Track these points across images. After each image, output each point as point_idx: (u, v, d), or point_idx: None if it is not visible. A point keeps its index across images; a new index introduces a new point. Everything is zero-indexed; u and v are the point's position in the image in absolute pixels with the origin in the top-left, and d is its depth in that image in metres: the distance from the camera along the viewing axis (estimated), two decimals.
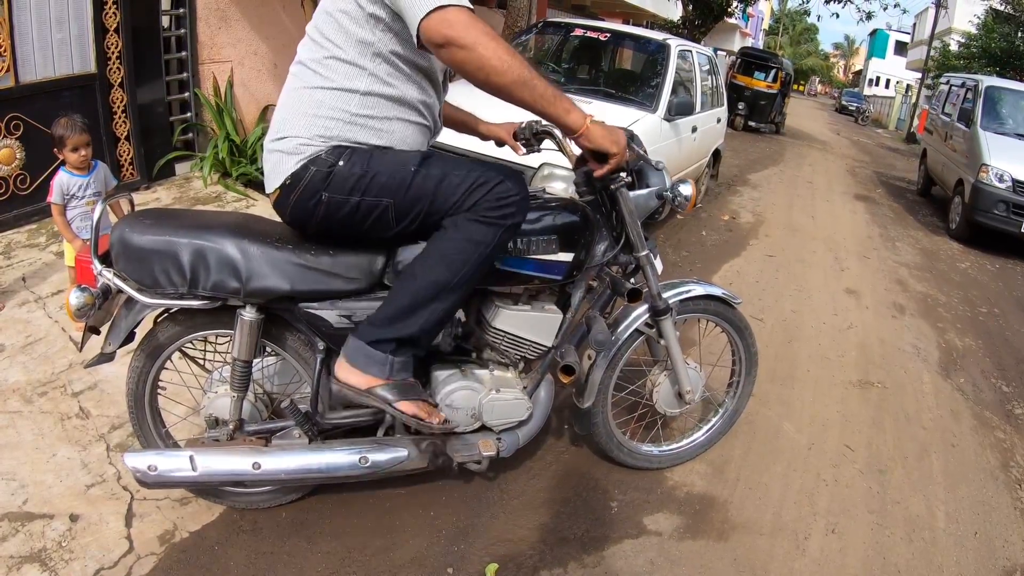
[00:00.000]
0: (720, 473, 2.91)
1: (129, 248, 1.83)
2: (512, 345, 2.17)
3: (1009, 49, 19.56)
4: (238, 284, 1.84)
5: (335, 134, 1.83)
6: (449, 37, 1.63)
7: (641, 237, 2.26)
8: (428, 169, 1.85)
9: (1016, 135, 8.69)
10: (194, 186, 5.23)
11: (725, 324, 2.72)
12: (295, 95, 1.87)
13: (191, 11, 5.28)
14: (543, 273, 2.11)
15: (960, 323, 5.54)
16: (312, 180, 1.82)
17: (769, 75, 17.62)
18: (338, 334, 1.95)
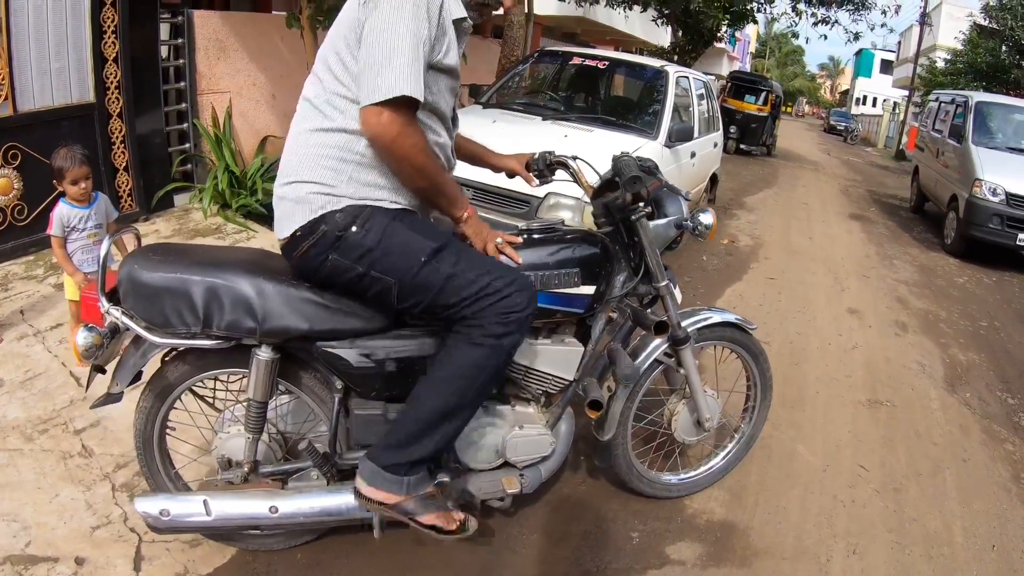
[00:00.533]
0: (739, 499, 2.87)
1: (138, 286, 1.77)
2: (534, 380, 2.12)
3: (995, 63, 19.81)
4: (254, 324, 1.78)
5: (347, 186, 1.79)
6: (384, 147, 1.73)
7: (661, 267, 2.23)
8: (439, 263, 1.79)
9: (1008, 149, 8.78)
10: (193, 218, 5.18)
11: (740, 350, 2.71)
12: (302, 136, 1.84)
13: (190, 41, 5.29)
14: (566, 307, 2.08)
15: (962, 338, 5.55)
16: (322, 239, 1.77)
17: (759, 98, 17.75)
18: (358, 373, 1.89)
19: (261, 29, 5.95)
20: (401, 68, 1.65)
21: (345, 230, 1.76)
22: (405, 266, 1.77)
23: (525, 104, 5.72)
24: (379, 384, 1.92)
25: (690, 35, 15.48)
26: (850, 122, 37.79)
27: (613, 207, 2.18)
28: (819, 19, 14.57)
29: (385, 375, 1.90)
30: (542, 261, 2.02)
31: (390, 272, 1.77)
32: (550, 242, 2.08)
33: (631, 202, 2.11)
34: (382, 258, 1.76)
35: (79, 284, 3.05)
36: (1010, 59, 19.44)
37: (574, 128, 4.94)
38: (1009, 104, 9.85)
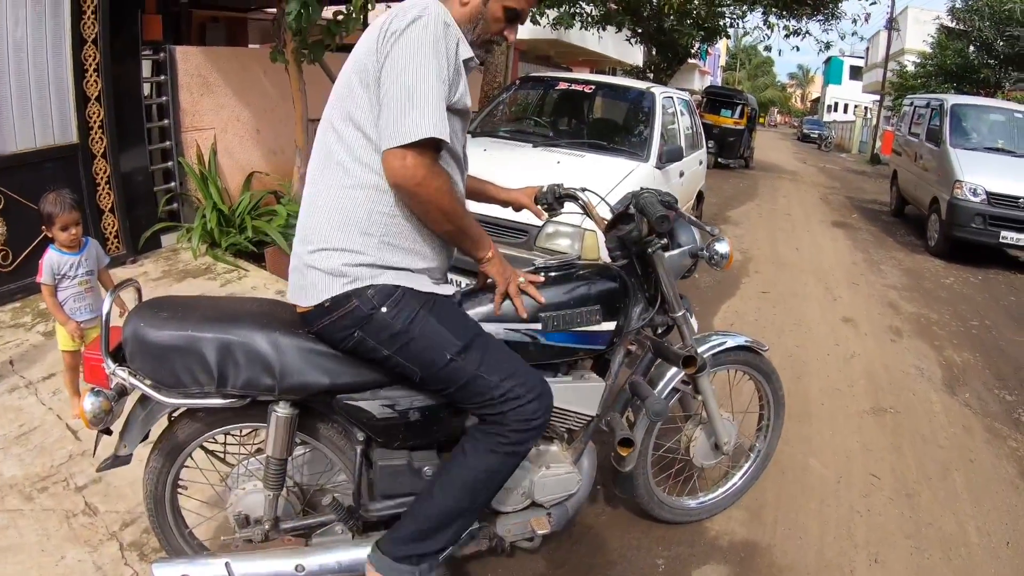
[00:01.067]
0: (758, 517, 2.86)
1: (146, 345, 1.68)
2: (557, 418, 2.07)
3: (964, 64, 20.26)
4: (272, 381, 1.70)
5: (377, 251, 1.72)
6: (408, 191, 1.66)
7: (677, 297, 2.21)
8: (465, 361, 1.74)
9: (985, 149, 8.93)
10: (182, 258, 5.11)
11: (754, 372, 2.70)
12: (325, 195, 1.74)
13: (173, 78, 5.22)
14: (587, 345, 2.04)
15: (955, 339, 5.61)
16: (351, 314, 1.70)
17: (735, 111, 17.96)
18: (381, 424, 1.82)
19: (244, 64, 5.91)
20: (424, 108, 1.59)
21: (375, 309, 1.70)
22: (430, 359, 1.73)
23: (513, 131, 5.72)
24: (403, 434, 1.86)
25: (664, 53, 15.63)
26: (823, 129, 38.26)
27: (628, 240, 2.16)
28: (791, 31, 14.77)
29: (409, 425, 1.84)
30: (563, 300, 1.98)
31: (414, 362, 1.73)
32: (569, 279, 2.04)
33: (647, 234, 2.09)
34: (408, 345, 1.72)
35: (72, 333, 2.97)
36: (979, 59, 19.90)
37: (565, 154, 4.94)
38: (984, 105, 10.04)
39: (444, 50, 1.64)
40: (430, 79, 1.61)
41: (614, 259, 2.22)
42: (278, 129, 6.00)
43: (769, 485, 3.03)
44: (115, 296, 1.82)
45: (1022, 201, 7.99)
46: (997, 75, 19.31)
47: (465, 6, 1.79)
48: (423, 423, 1.84)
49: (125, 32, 4.81)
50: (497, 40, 1.89)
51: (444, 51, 1.64)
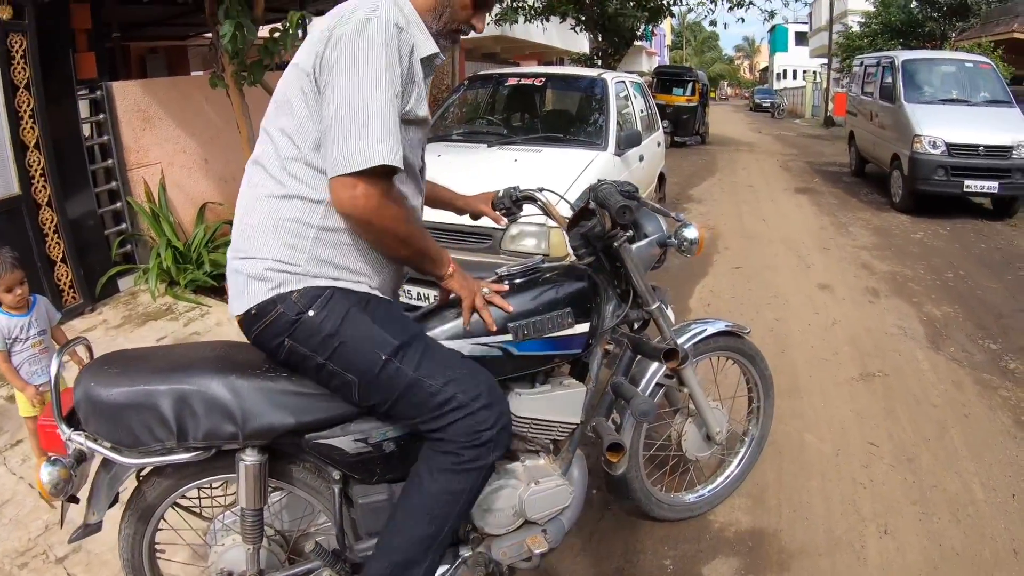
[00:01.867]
0: (761, 503, 2.80)
1: (99, 405, 1.57)
2: (540, 430, 1.98)
3: (909, 19, 20.52)
4: (234, 428, 1.59)
5: (307, 264, 1.60)
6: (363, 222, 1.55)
7: (650, 290, 2.13)
8: (402, 363, 1.60)
9: (940, 101, 9.04)
10: (141, 300, 4.94)
11: (737, 356, 2.64)
12: (254, 204, 1.64)
13: (112, 115, 5.03)
14: (563, 350, 1.94)
15: (933, 293, 5.63)
16: (277, 321, 1.59)
17: (687, 89, 17.98)
18: (356, 460, 1.71)
19: (184, 93, 5.74)
20: (375, 131, 1.46)
21: (302, 313, 1.58)
22: (364, 364, 1.59)
23: (466, 133, 5.60)
24: (380, 468, 1.75)
25: (610, 38, 15.61)
26: (774, 98, 38.59)
27: (592, 236, 2.06)
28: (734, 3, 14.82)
29: (385, 457, 1.74)
30: (531, 307, 1.87)
31: (349, 368, 1.60)
32: (535, 284, 1.94)
33: (611, 228, 2.01)
34: (340, 350, 1.59)
35: (31, 399, 2.82)
36: (923, 13, 20.14)
37: (522, 151, 4.85)
38: (933, 58, 10.15)
39: (396, 58, 1.51)
40: (380, 96, 1.47)
41: (580, 257, 2.13)
42: (226, 156, 5.84)
43: (768, 467, 2.97)
44: (62, 357, 1.70)
45: (982, 149, 8.11)
46: (942, 27, 19.53)
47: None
48: (399, 454, 1.74)
49: (58, 73, 4.62)
50: (464, 29, 1.75)
51: (396, 59, 1.51)
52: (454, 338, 1.80)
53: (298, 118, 1.57)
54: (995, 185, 8.09)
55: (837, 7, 28.57)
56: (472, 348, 1.80)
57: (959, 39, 17.36)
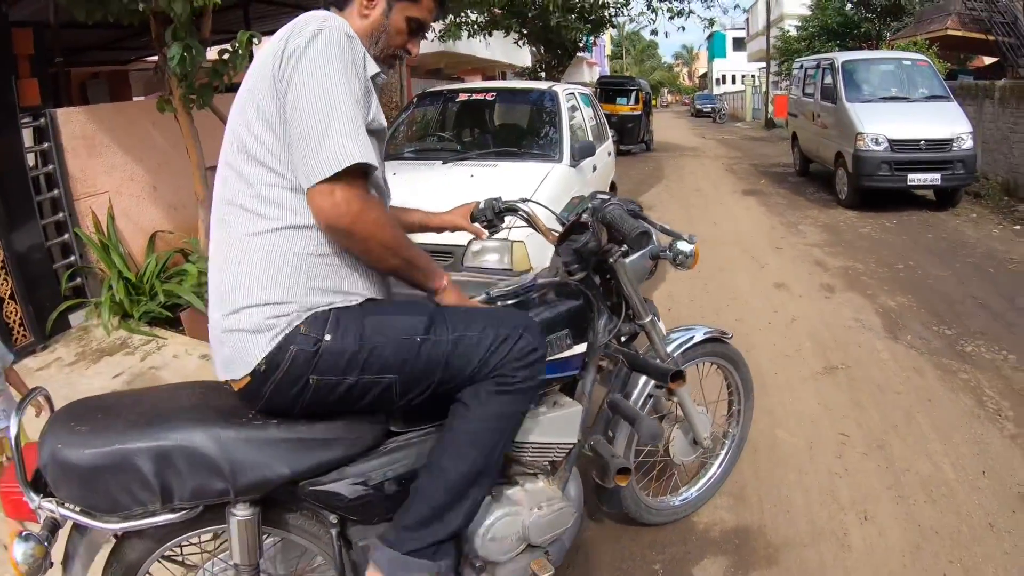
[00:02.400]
0: (742, 501, 2.82)
1: (69, 470, 1.41)
2: (538, 453, 1.92)
3: (845, 21, 21.17)
4: (224, 484, 1.45)
5: (305, 297, 1.50)
6: (346, 232, 1.48)
7: (643, 303, 2.12)
8: (437, 334, 1.55)
9: (880, 99, 9.31)
10: (95, 336, 4.76)
11: (721, 361, 2.66)
12: (236, 247, 1.51)
13: (57, 144, 4.83)
14: (561, 373, 1.91)
15: (886, 285, 5.77)
16: (295, 363, 1.47)
17: (630, 98, 18.22)
18: (355, 504, 1.60)
19: (130, 119, 5.57)
20: (343, 132, 1.41)
21: (320, 342, 1.47)
22: (402, 356, 1.52)
23: (419, 150, 5.56)
24: (380, 508, 1.65)
25: (553, 50, 15.75)
26: (715, 103, 39.39)
27: (585, 251, 2.01)
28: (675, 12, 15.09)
29: (386, 498, 1.63)
30: None
31: (387, 369, 1.52)
32: (531, 306, 1.90)
33: (607, 243, 1.99)
34: (373, 357, 1.50)
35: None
36: (858, 14, 20.80)
37: (477, 166, 4.82)
38: (872, 58, 10.47)
39: (352, 66, 1.48)
40: (344, 100, 1.44)
41: (571, 272, 2.08)
42: (176, 183, 5.68)
43: (745, 465, 2.99)
44: (21, 414, 1.51)
45: (923, 143, 8.39)
46: (877, 27, 20.20)
47: (366, 19, 1.65)
48: (400, 492, 1.64)
49: (0, 100, 4.45)
50: (400, 54, 1.74)
51: (352, 67, 1.48)
52: None
53: (264, 142, 1.49)
54: (937, 177, 8.37)
55: (773, 12, 29.37)
56: None
57: (894, 38, 17.93)
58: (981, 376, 3.93)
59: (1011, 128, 9.16)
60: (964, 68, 16.34)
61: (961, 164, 8.34)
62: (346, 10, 1.66)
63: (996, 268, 6.19)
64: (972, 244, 7.07)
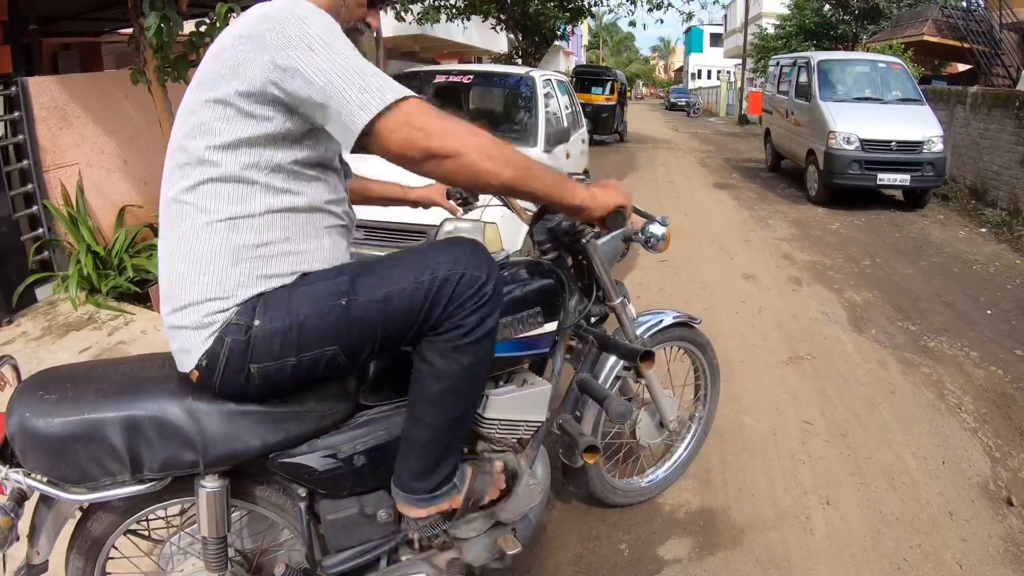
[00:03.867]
0: (707, 483, 2.86)
1: (37, 438, 1.38)
2: (507, 430, 1.92)
3: (822, 22, 21.44)
4: (194, 456, 1.44)
5: (240, 289, 1.45)
6: (431, 150, 1.34)
7: (614, 286, 2.12)
8: (361, 293, 1.46)
9: (853, 99, 9.45)
10: (62, 310, 4.67)
11: (689, 345, 2.69)
12: (177, 245, 1.46)
13: (27, 113, 4.69)
14: (532, 351, 1.89)
15: (852, 280, 5.88)
16: (231, 355, 1.42)
17: (606, 88, 18.25)
18: (324, 477, 1.59)
19: (103, 90, 5.43)
20: (380, 74, 1.35)
21: (249, 329, 1.42)
22: (331, 325, 1.45)
23: None
24: (350, 482, 1.64)
25: (531, 37, 15.73)
26: (690, 97, 39.58)
27: (559, 232, 2.03)
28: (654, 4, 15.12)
29: (355, 471, 1.62)
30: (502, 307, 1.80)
31: (323, 341, 1.45)
32: (503, 283, 1.85)
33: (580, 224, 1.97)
34: (304, 333, 1.44)
35: None
36: (836, 16, 21.05)
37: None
38: (847, 59, 10.61)
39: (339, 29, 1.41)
40: (360, 58, 1.36)
41: (544, 252, 2.08)
42: (147, 157, 5.57)
43: (710, 450, 3.03)
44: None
45: (894, 144, 8.55)
46: (854, 30, 20.44)
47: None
48: (371, 465, 1.64)
49: None
50: (360, 27, 1.67)
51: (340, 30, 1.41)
52: None
53: (209, 128, 1.41)
54: (907, 178, 8.54)
55: (752, 10, 29.60)
56: None
57: (871, 41, 18.16)
58: (943, 371, 4.02)
59: (981, 134, 9.35)
60: (938, 74, 16.63)
61: (931, 166, 8.51)
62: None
63: (961, 268, 6.34)
64: (938, 244, 7.22)
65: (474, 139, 1.37)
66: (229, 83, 1.38)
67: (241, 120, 1.40)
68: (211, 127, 1.41)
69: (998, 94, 9.38)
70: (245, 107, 1.39)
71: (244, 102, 1.38)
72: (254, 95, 1.38)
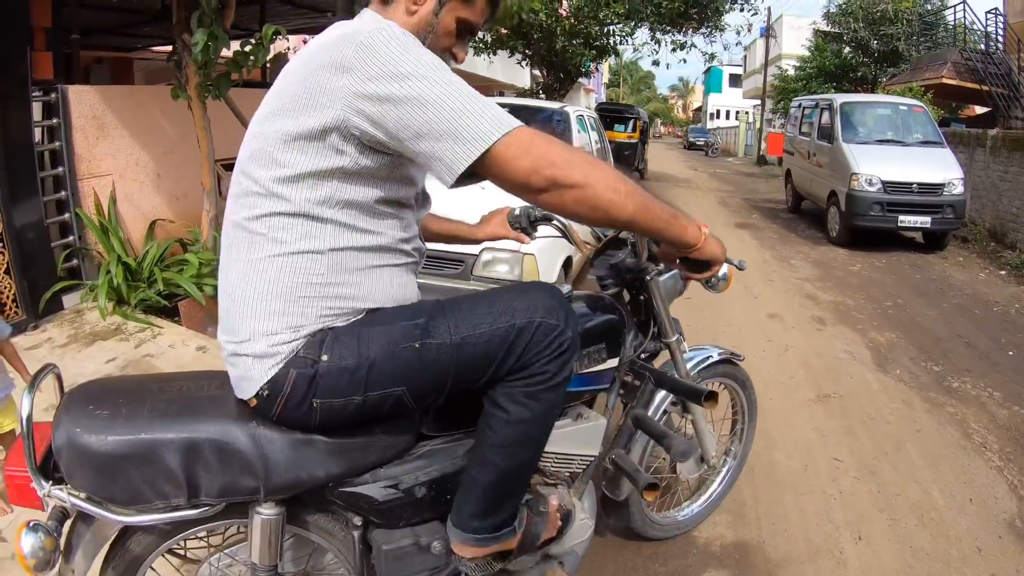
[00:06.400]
0: (741, 518, 2.85)
1: (87, 457, 1.31)
2: (561, 464, 1.90)
3: (842, 64, 21.55)
4: (255, 483, 1.39)
5: (307, 318, 1.41)
6: (556, 179, 1.27)
7: (672, 322, 2.12)
8: (436, 336, 1.41)
9: (876, 142, 9.49)
10: (88, 319, 4.70)
11: (731, 382, 2.69)
12: (242, 272, 1.42)
13: (66, 121, 4.73)
14: (594, 386, 1.89)
15: (875, 320, 5.86)
16: (295, 387, 1.38)
17: (628, 126, 18.38)
18: (384, 507, 1.55)
19: (140, 103, 5.50)
20: (490, 104, 1.28)
21: (316, 363, 1.38)
22: (402, 366, 1.40)
23: None
24: (408, 513, 1.60)
25: (556, 74, 15.92)
26: (708, 137, 39.73)
27: (622, 267, 2.03)
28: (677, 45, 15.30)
29: (415, 502, 1.59)
30: None
31: (390, 382, 1.41)
32: None
33: (646, 260, 1.98)
34: (373, 373, 1.39)
35: None
36: (855, 58, 21.16)
37: None
38: (870, 101, 10.66)
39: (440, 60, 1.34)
40: (462, 83, 1.29)
41: (605, 287, 2.08)
42: (180, 172, 5.64)
43: (743, 485, 3.02)
44: (34, 392, 1.36)
45: (915, 186, 8.56)
46: (874, 72, 20.56)
47: (412, 16, 1.49)
48: (431, 497, 1.61)
49: (13, 71, 4.34)
50: (444, 58, 1.55)
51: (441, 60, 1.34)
52: None
53: (291, 166, 1.36)
54: (927, 220, 8.55)
55: (771, 51, 29.82)
56: None
57: (890, 83, 18.24)
58: (967, 411, 4.02)
59: (1000, 176, 9.39)
60: (956, 116, 16.67)
61: (951, 208, 8.53)
62: (390, 6, 1.50)
63: (982, 310, 6.33)
64: (959, 286, 7.20)
65: (598, 170, 1.32)
66: (306, 112, 1.33)
67: (316, 153, 1.34)
68: (281, 158, 1.36)
69: (1018, 137, 9.45)
70: (322, 140, 1.33)
71: (321, 134, 1.33)
72: (335, 128, 1.32)
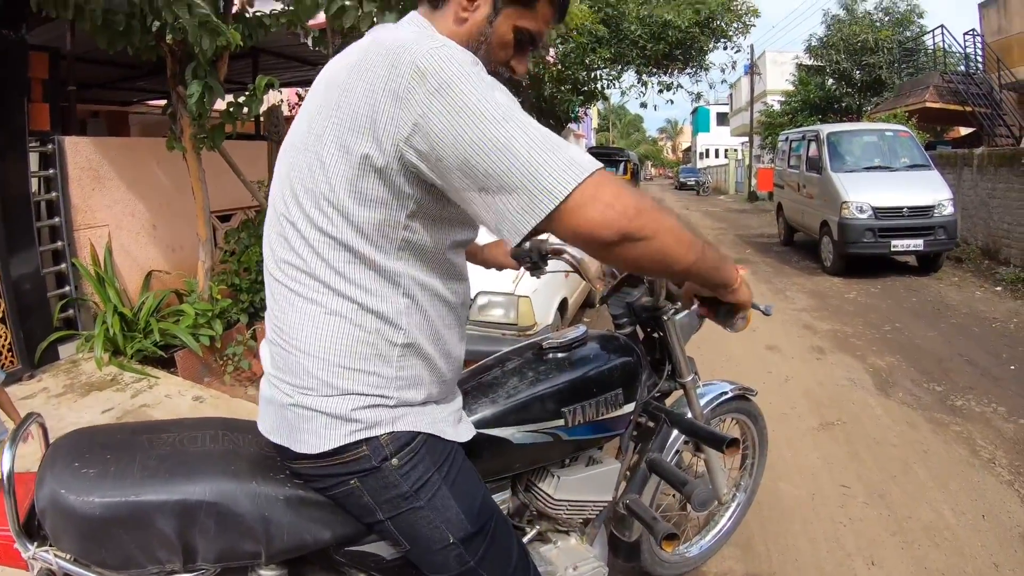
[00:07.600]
0: (750, 551, 2.81)
1: (72, 519, 1.20)
2: (575, 510, 1.84)
3: (826, 96, 21.90)
4: (256, 547, 1.29)
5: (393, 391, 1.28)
6: (628, 231, 1.10)
7: (687, 362, 2.08)
8: (467, 551, 1.35)
9: (863, 169, 9.59)
10: (84, 369, 4.68)
11: (742, 416, 2.66)
12: (315, 321, 1.26)
13: (62, 171, 4.79)
14: (609, 432, 1.84)
15: (874, 346, 5.86)
16: (354, 462, 1.28)
17: (619, 169, 18.43)
18: (391, 565, 1.46)
19: (136, 155, 5.59)
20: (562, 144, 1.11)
21: (385, 460, 1.27)
22: (427, 537, 1.33)
23: None
24: (416, 571, 1.49)
25: (546, 120, 16.12)
26: (698, 176, 40.17)
27: (638, 307, 2.00)
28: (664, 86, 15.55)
29: None
30: (584, 387, 1.73)
31: (407, 534, 1.33)
32: (586, 362, 1.80)
33: (664, 299, 1.96)
34: (408, 515, 1.31)
35: None
36: (839, 89, 21.55)
37: None
38: (855, 130, 10.75)
39: None
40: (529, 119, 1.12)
41: (619, 326, 2.04)
42: (175, 224, 5.69)
43: (750, 517, 2.94)
44: (15, 447, 1.26)
45: (906, 210, 8.63)
46: (858, 101, 20.90)
47: (463, 24, 1.30)
48: None
49: (10, 122, 4.40)
50: (501, 72, 1.35)
51: None
52: (502, 425, 1.62)
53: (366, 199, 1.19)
54: (920, 243, 8.58)
55: (757, 88, 30.26)
56: (521, 436, 1.65)
57: (874, 111, 18.48)
58: (972, 428, 4.00)
59: (989, 194, 9.48)
60: (941, 139, 16.84)
61: (943, 230, 8.58)
62: (439, 11, 1.32)
63: (981, 327, 6.34)
64: (956, 306, 7.22)
65: (666, 219, 1.16)
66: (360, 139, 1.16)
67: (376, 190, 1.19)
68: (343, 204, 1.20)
69: (1003, 153, 9.56)
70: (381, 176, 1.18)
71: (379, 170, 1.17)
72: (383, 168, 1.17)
